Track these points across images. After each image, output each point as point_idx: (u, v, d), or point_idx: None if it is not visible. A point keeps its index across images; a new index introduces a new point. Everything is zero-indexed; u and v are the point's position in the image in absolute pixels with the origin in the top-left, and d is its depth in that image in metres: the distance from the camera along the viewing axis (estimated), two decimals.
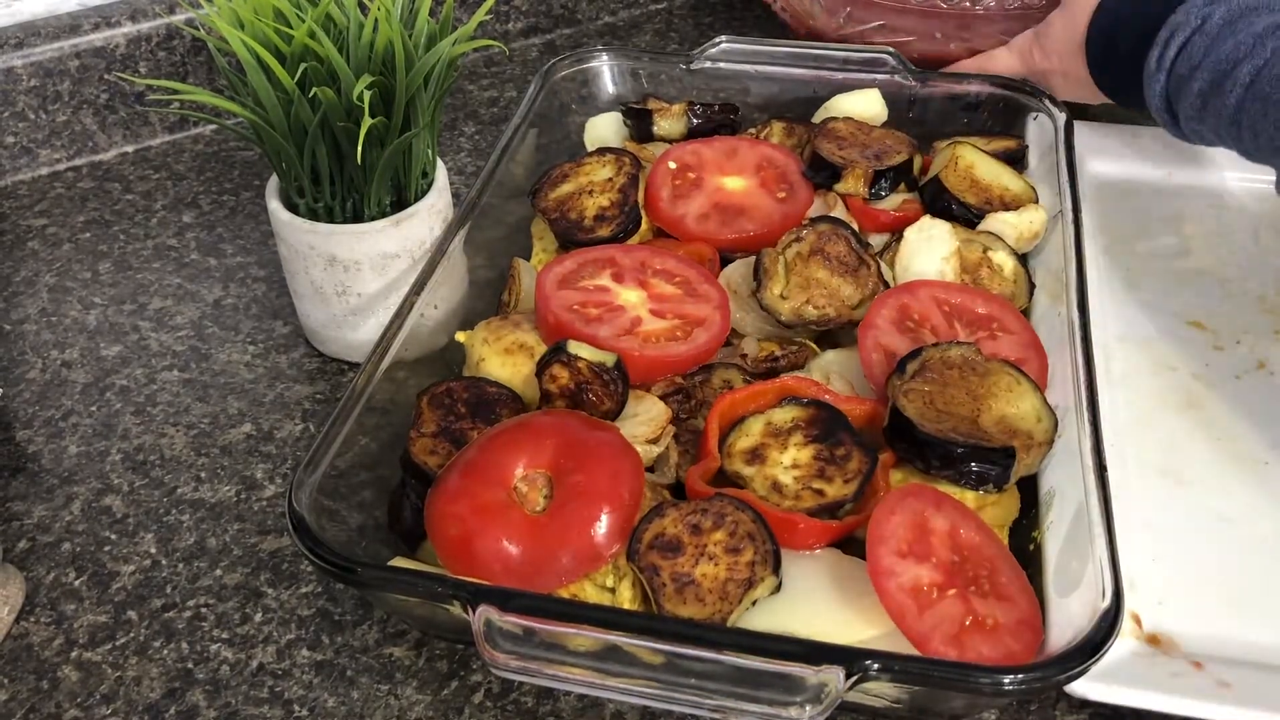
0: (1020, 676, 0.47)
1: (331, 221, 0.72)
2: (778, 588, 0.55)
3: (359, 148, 0.65)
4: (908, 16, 0.87)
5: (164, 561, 0.65)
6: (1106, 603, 0.49)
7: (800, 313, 0.69)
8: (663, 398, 0.64)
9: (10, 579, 0.62)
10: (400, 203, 0.74)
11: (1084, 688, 0.54)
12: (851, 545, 0.58)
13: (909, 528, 0.54)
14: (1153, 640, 0.58)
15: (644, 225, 0.76)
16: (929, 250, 0.71)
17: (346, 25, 0.69)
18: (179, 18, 0.94)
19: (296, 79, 0.66)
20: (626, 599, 0.55)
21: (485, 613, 0.50)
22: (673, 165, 0.78)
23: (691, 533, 0.55)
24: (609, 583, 0.56)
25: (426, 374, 0.67)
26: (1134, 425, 0.69)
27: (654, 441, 0.62)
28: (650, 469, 0.61)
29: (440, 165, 0.75)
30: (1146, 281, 0.79)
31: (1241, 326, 0.76)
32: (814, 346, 0.69)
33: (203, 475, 0.70)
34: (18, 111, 0.93)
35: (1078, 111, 0.84)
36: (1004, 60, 0.82)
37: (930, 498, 0.56)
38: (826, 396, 0.63)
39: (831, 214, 0.74)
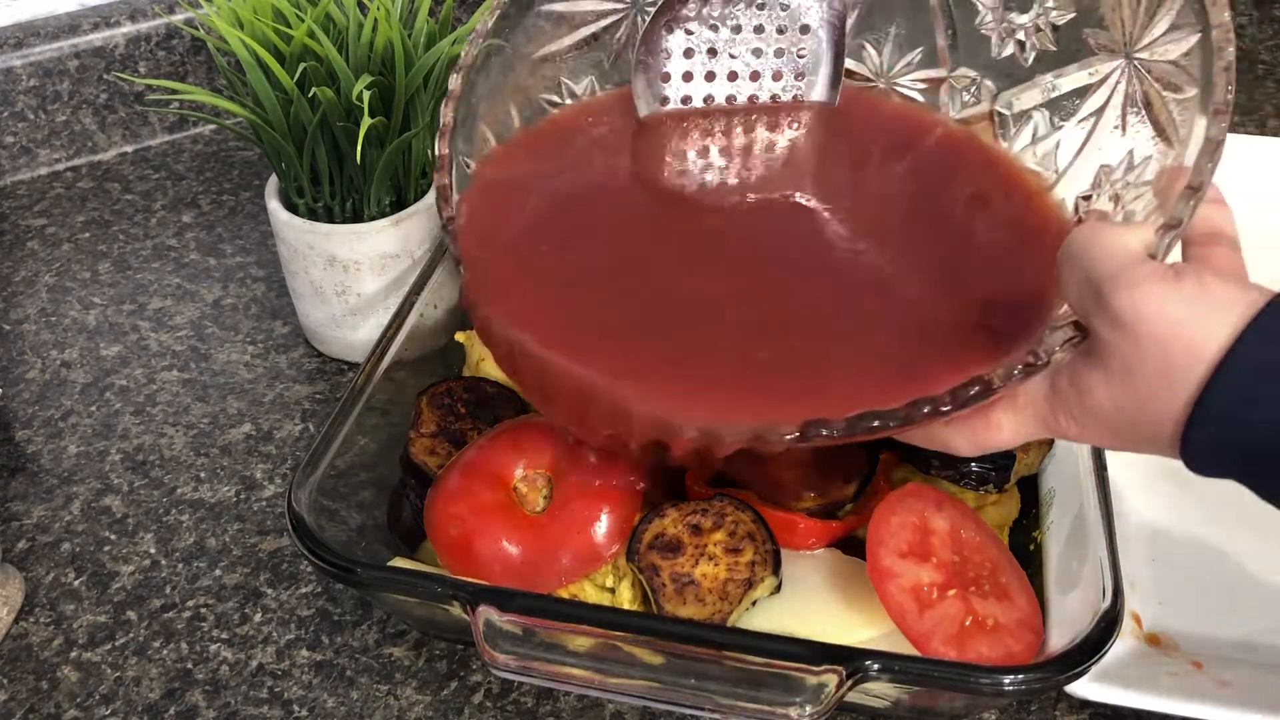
0: (1020, 677, 0.47)
1: (331, 221, 0.72)
2: (778, 588, 0.55)
3: (358, 147, 0.65)
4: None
5: (163, 561, 0.65)
6: (1106, 603, 0.49)
7: None
8: None
9: (10, 579, 0.62)
10: (400, 203, 0.73)
11: (1084, 688, 0.54)
12: (851, 545, 0.58)
13: (909, 528, 0.54)
14: (1153, 640, 0.58)
15: None
16: None
17: (346, 25, 0.69)
18: (178, 18, 0.94)
19: (296, 79, 0.66)
20: (626, 599, 0.55)
21: (485, 613, 0.50)
22: None
23: (691, 533, 0.55)
24: (609, 583, 0.56)
25: (426, 374, 0.67)
26: None
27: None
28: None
29: None
30: None
31: None
32: None
33: (202, 475, 0.70)
34: (17, 111, 0.93)
35: None
36: (1011, 429, 0.48)
37: (930, 498, 0.56)
38: None
39: None
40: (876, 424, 0.44)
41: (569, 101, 0.61)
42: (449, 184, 0.53)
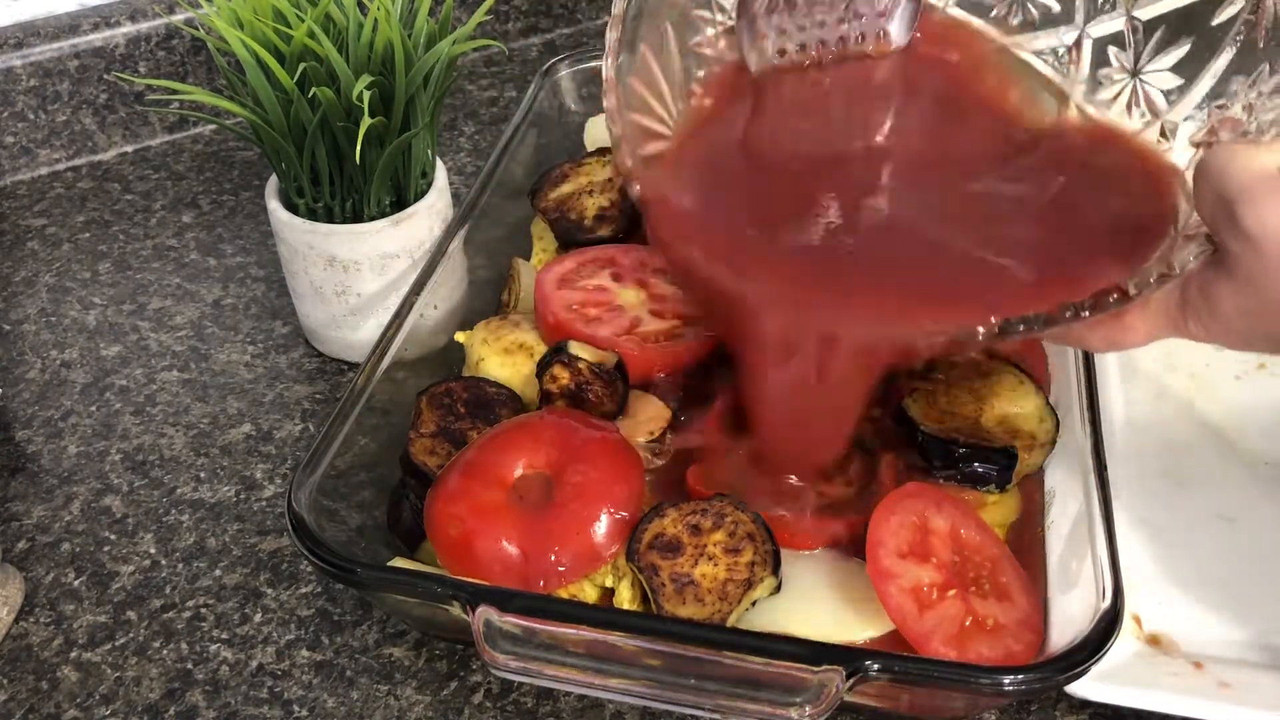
0: (1020, 677, 0.47)
1: (331, 221, 0.72)
2: (777, 588, 0.55)
3: (358, 147, 0.65)
4: None
5: (163, 561, 0.65)
6: (1106, 603, 0.49)
7: None
8: (663, 397, 0.64)
9: (10, 579, 0.62)
10: (400, 203, 0.73)
11: (1084, 688, 0.54)
12: (852, 545, 0.58)
13: (909, 528, 0.54)
14: (1153, 640, 0.58)
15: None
16: None
17: (346, 25, 0.69)
18: (179, 18, 0.94)
19: (296, 79, 0.66)
20: (626, 599, 0.55)
21: (485, 613, 0.50)
22: None
23: (691, 533, 0.55)
24: (609, 583, 0.56)
25: (426, 374, 0.67)
26: (1134, 425, 0.69)
27: (654, 441, 0.62)
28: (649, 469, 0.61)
29: (440, 165, 0.75)
30: None
31: None
32: None
33: (202, 475, 0.70)
34: (17, 111, 0.93)
35: None
36: (1143, 331, 0.52)
37: (931, 498, 0.56)
38: None
39: None
40: (1023, 327, 0.49)
41: (719, 17, 0.62)
42: (616, 104, 0.55)
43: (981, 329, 0.49)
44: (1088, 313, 0.49)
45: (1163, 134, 0.57)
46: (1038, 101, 0.61)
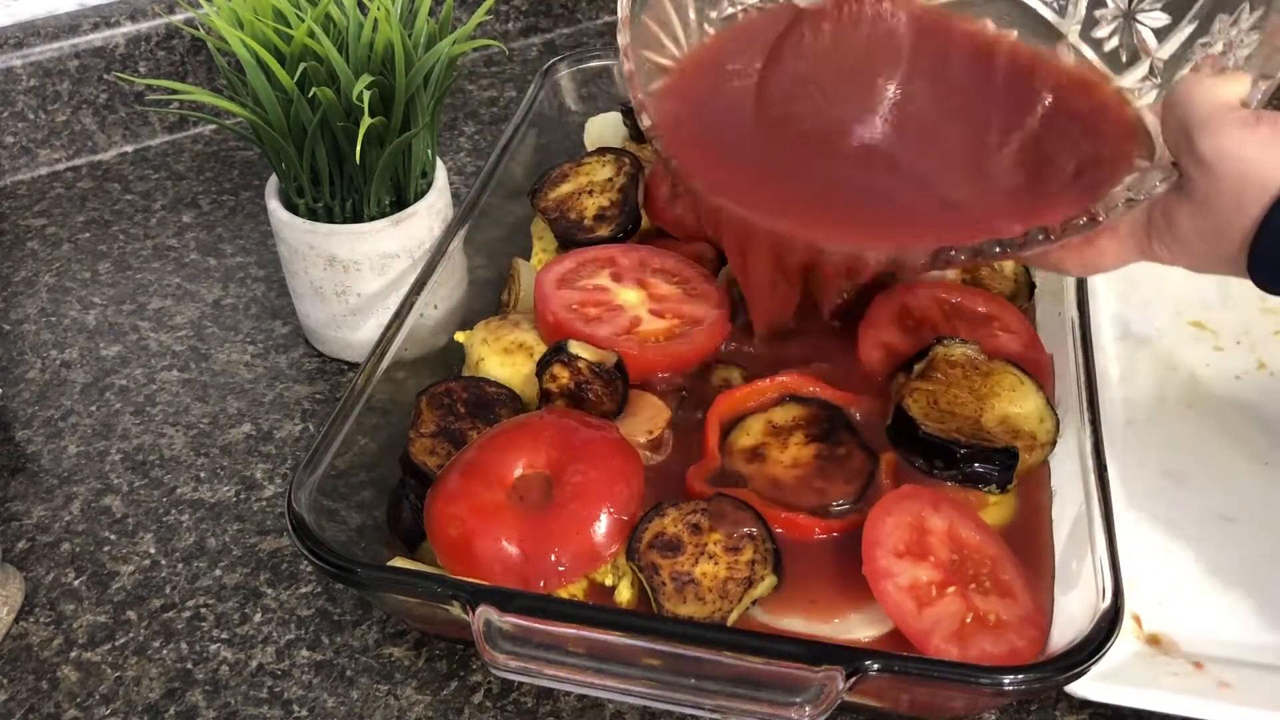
0: (1020, 677, 0.47)
1: (331, 221, 0.72)
2: (778, 587, 0.55)
3: (358, 147, 0.65)
4: None
5: (163, 561, 0.65)
6: (1106, 603, 0.49)
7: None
8: (662, 397, 0.64)
9: (10, 579, 0.62)
10: (400, 203, 0.73)
11: (1084, 688, 0.54)
12: (853, 545, 0.57)
13: (905, 528, 0.54)
14: (1153, 640, 0.58)
15: (644, 225, 0.76)
16: None
17: (346, 25, 0.69)
18: (179, 18, 0.94)
19: (296, 79, 0.66)
20: (626, 598, 0.55)
21: (485, 613, 0.50)
22: None
23: (691, 532, 0.55)
24: (608, 582, 0.56)
25: (426, 374, 0.67)
26: (1134, 425, 0.69)
27: (654, 441, 0.61)
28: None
29: (440, 165, 0.75)
30: (1146, 281, 0.79)
31: (1241, 326, 0.76)
32: None
33: (202, 475, 0.70)
34: (17, 111, 0.93)
35: None
36: (1114, 255, 0.57)
37: (928, 498, 0.56)
38: (816, 391, 0.63)
39: None
40: (999, 249, 0.53)
41: None
42: (630, 41, 0.59)
43: (954, 252, 0.53)
44: (1056, 236, 0.53)
45: (1151, 71, 0.60)
46: (1028, 46, 0.66)
